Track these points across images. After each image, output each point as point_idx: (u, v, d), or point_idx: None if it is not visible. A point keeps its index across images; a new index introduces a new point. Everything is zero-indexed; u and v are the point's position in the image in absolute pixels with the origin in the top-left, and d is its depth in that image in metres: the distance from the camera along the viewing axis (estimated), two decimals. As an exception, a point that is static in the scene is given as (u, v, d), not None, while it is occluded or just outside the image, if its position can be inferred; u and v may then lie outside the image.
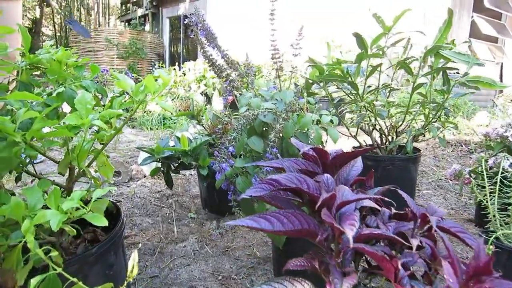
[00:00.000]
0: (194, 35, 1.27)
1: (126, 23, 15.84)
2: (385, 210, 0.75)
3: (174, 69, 7.54)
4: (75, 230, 0.67)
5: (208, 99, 6.38)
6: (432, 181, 2.55)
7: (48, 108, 0.78)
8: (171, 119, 4.20)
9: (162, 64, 10.90)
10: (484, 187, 1.50)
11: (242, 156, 1.18)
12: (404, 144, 1.88)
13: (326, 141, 1.28)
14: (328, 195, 0.59)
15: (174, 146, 1.63)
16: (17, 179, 0.88)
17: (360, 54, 1.60)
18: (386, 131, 1.89)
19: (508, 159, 1.57)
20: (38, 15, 16.53)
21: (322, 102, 4.07)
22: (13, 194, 0.90)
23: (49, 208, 0.69)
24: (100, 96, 1.03)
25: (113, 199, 1.88)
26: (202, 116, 1.84)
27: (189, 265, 1.38)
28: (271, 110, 1.10)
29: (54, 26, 16.64)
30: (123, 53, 11.60)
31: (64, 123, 0.86)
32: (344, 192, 0.65)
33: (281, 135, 1.06)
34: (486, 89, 2.12)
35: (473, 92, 1.72)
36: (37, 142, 0.84)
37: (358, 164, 0.87)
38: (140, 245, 1.48)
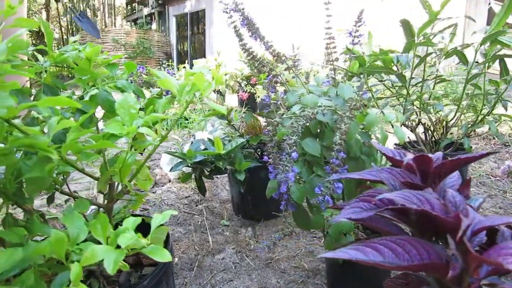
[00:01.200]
0: (233, 26, 1.13)
1: (133, 23, 15.76)
2: (504, 229, 0.61)
3: (184, 67, 7.42)
4: (128, 265, 0.54)
5: (222, 96, 6.24)
6: (473, 177, 2.39)
7: (84, 115, 0.65)
8: (187, 119, 4.06)
9: (171, 62, 10.78)
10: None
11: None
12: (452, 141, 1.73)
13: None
14: (470, 221, 0.45)
15: (206, 149, 1.50)
16: (50, 200, 0.75)
17: (409, 43, 1.45)
18: (431, 126, 1.74)
19: None
20: (44, 18, 16.49)
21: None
22: (42, 216, 0.77)
23: (95, 239, 0.56)
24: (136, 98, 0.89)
25: (140, 208, 1.76)
26: (232, 116, 1.71)
27: (232, 280, 1.24)
28: (330, 108, 0.96)
29: (61, 29, 16.55)
30: (131, 53, 11.52)
31: (98, 131, 0.74)
32: (474, 215, 0.50)
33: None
34: None
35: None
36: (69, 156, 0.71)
37: (454, 174, 0.73)
38: (176, 259, 1.35)
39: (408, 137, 1.80)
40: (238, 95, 5.44)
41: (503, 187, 2.26)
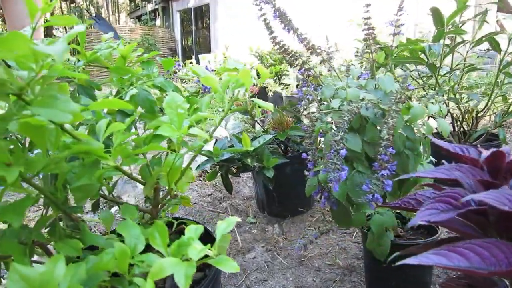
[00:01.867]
0: (263, 18, 1.09)
1: (137, 20, 15.72)
2: None
3: (191, 62, 7.39)
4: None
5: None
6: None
7: (131, 117, 0.62)
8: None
9: (176, 58, 10.74)
10: None
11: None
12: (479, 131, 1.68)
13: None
14: None
15: (232, 146, 1.46)
16: (95, 207, 0.71)
17: (440, 32, 1.40)
18: (460, 116, 1.69)
19: None
20: (48, 18, 16.41)
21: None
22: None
23: (152, 248, 0.53)
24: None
25: (165, 208, 1.73)
26: (255, 110, 1.67)
27: (266, 280, 1.22)
28: (373, 101, 0.92)
29: (65, 28, 16.51)
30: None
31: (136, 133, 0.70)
32: None
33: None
34: None
35: None
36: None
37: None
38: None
39: (436, 128, 1.75)
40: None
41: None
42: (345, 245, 1.40)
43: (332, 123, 0.97)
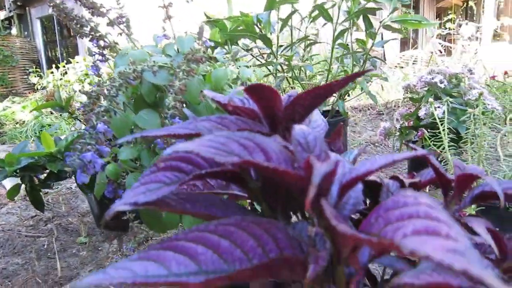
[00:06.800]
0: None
1: (-13, 29, 13.74)
2: (390, 181, 0.43)
3: (52, 72, 6.62)
4: None
5: (97, 99, 5.63)
6: (354, 147, 2.39)
7: None
8: (50, 126, 3.51)
9: (36, 69, 9.53)
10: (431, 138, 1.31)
11: (131, 143, 0.78)
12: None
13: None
14: (329, 167, 0.24)
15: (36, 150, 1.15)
16: None
17: (270, 1, 1.28)
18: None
19: (439, 107, 1.40)
20: None
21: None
22: None
23: None
24: None
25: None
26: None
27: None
28: (164, 65, 0.71)
29: None
30: (-13, 63, 9.97)
31: None
32: (342, 161, 0.30)
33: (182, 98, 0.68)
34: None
35: (395, 38, 1.52)
36: None
37: (317, 118, 0.54)
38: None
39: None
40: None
41: (383, 152, 2.29)
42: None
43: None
